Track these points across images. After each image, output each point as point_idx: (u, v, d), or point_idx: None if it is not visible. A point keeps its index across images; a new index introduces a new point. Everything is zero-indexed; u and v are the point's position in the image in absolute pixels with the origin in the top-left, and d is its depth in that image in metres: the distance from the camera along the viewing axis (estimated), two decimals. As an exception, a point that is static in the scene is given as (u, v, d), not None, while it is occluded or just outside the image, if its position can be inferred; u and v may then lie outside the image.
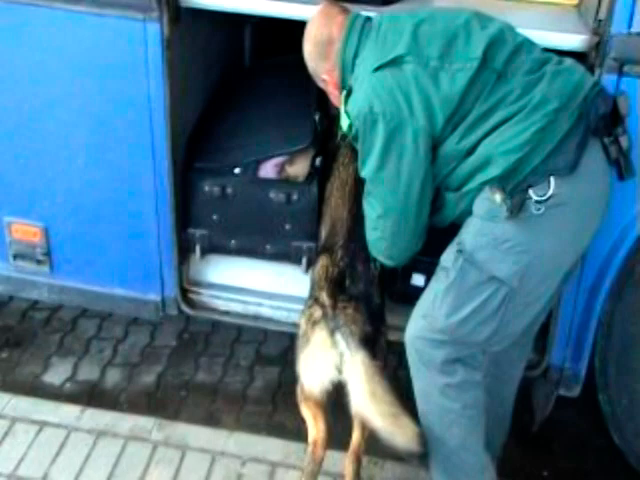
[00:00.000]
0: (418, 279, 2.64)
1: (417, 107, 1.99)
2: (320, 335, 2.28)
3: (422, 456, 2.19)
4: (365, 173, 2.12)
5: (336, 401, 2.28)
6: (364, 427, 2.34)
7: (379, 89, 2.02)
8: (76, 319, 3.47)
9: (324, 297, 2.31)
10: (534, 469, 2.84)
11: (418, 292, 2.32)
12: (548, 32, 2.23)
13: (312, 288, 2.45)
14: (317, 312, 2.31)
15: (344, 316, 2.26)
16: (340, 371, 2.22)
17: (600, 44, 2.16)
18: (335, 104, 2.33)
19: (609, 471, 2.82)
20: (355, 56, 2.13)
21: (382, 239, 2.17)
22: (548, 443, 2.93)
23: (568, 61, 2.08)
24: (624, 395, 2.60)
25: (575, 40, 2.23)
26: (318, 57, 2.23)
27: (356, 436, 2.41)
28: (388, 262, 2.28)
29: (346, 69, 2.16)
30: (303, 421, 2.95)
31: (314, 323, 2.30)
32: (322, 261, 2.46)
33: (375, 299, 2.39)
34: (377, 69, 2.03)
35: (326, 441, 2.40)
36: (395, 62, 2.03)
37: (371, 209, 2.16)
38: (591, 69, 2.17)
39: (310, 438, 2.42)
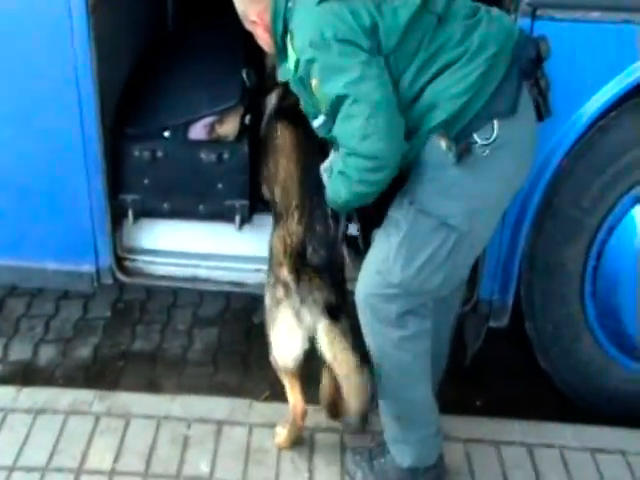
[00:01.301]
0: (352, 228, 2.72)
1: (367, 26, 1.98)
2: (285, 314, 2.34)
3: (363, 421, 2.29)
4: (337, 89, 2.00)
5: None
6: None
7: (327, 16, 2.00)
8: (4, 299, 3.41)
9: (285, 274, 2.35)
10: (468, 400, 2.99)
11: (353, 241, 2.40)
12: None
13: (271, 262, 2.46)
14: (280, 291, 2.36)
15: (308, 287, 2.31)
16: (311, 340, 2.32)
17: (514, -11, 2.28)
18: (264, 48, 2.31)
19: (537, 395, 3.00)
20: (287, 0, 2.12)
21: (379, 140, 1.99)
22: (480, 375, 3.09)
23: (495, 9, 2.16)
24: (548, 321, 2.76)
25: (490, -15, 2.34)
26: None
27: (326, 381, 2.48)
28: (382, 175, 2.05)
29: (278, 12, 2.13)
30: (245, 378, 3.06)
31: (278, 302, 2.36)
32: (277, 233, 2.46)
33: (338, 260, 2.41)
34: (322, 1, 2.01)
35: (304, 409, 2.50)
36: None
37: (355, 119, 2.00)
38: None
39: (290, 404, 2.51)
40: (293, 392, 2.48)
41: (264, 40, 2.26)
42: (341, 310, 2.36)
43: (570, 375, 2.84)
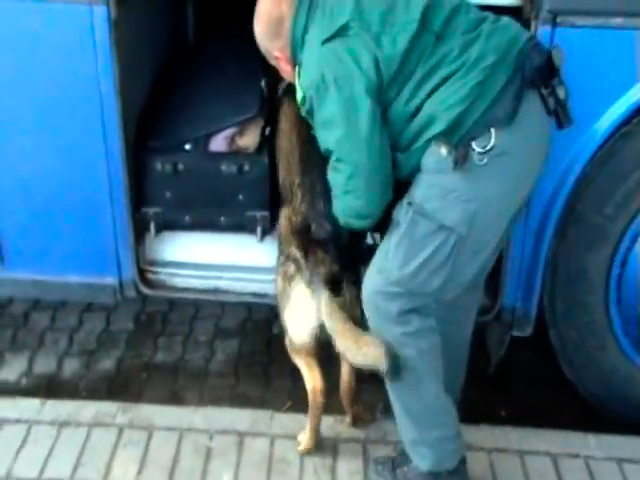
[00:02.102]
0: (370, 238, 2.72)
1: (366, 66, 2.06)
2: (298, 289, 2.36)
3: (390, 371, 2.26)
4: (328, 143, 2.17)
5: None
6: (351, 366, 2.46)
7: (329, 58, 2.09)
8: (28, 312, 3.43)
9: (294, 251, 2.38)
10: (493, 410, 2.98)
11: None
12: (483, -13, 2.31)
13: (280, 243, 2.50)
14: (291, 268, 2.39)
15: (314, 260, 2.34)
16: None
17: (534, -3, 2.28)
18: (289, 80, 2.39)
19: (562, 404, 2.97)
20: (304, 32, 2.19)
21: (357, 198, 2.18)
22: (504, 384, 3.08)
23: (504, 19, 2.17)
24: (572, 329, 2.75)
25: (510, -5, 2.35)
26: (270, 36, 2.28)
27: (345, 377, 2.52)
28: (365, 222, 2.26)
29: (296, 45, 2.22)
30: (266, 389, 3.06)
31: (290, 279, 2.38)
32: (284, 212, 2.50)
33: (343, 238, 2.41)
34: (325, 41, 2.10)
35: (324, 387, 2.49)
36: (341, 31, 2.09)
37: (339, 175, 2.19)
38: (526, 23, 2.29)
39: (309, 387, 2.49)
40: (311, 372, 2.47)
41: (287, 73, 2.36)
42: (343, 285, 2.38)
43: (595, 384, 2.82)
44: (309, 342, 2.41)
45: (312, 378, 2.48)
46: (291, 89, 2.45)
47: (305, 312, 2.36)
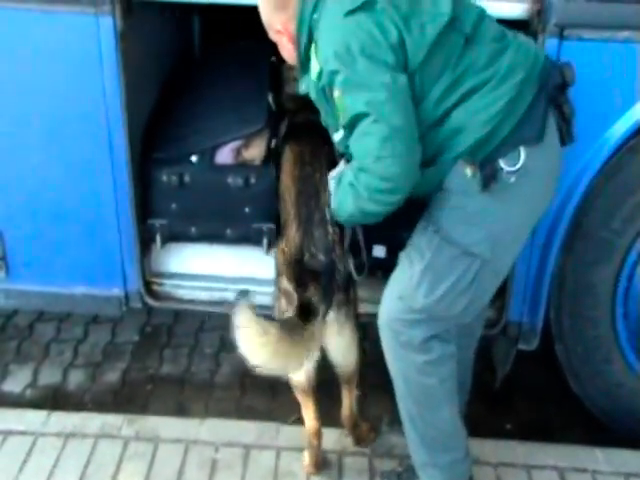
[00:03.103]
0: (379, 251, 2.72)
1: (394, 41, 1.98)
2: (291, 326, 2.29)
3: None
4: (358, 106, 1.99)
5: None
6: (351, 392, 2.46)
7: (354, 29, 1.98)
8: (33, 324, 3.44)
9: (285, 283, 2.36)
10: (498, 424, 2.96)
11: (379, 264, 2.39)
12: (491, 1, 2.29)
13: (275, 276, 2.49)
14: (282, 303, 2.36)
15: (309, 290, 2.29)
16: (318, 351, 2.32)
17: (541, 11, 2.28)
18: (286, 58, 2.31)
19: (569, 419, 2.97)
20: (314, 10, 2.10)
21: (392, 165, 1.97)
22: (510, 398, 3.07)
23: (522, 35, 2.16)
24: (578, 343, 2.73)
25: (518, 8, 2.35)
26: (275, 8, 2.18)
27: (345, 402, 2.50)
28: (394, 198, 2.04)
29: (303, 22, 2.13)
30: (272, 402, 3.04)
31: (282, 314, 2.35)
32: (280, 244, 2.49)
33: (339, 267, 2.38)
34: (349, 13, 2.00)
35: (318, 429, 2.49)
36: (366, 5, 2.00)
37: (371, 138, 1.98)
38: (534, 35, 2.29)
39: (305, 425, 2.51)
40: (307, 411, 2.48)
41: (287, 51, 2.26)
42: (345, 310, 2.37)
43: (601, 398, 2.80)
44: (306, 381, 2.40)
45: (307, 418, 2.49)
46: (290, 133, 2.47)
47: (299, 354, 2.27)
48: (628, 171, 2.51)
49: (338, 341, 2.35)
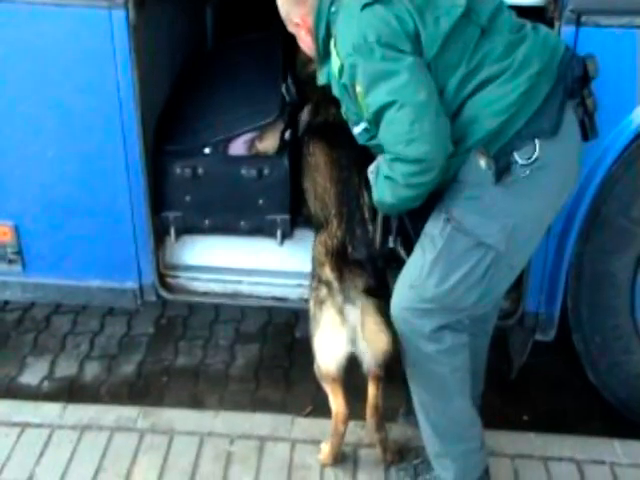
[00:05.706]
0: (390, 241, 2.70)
1: (411, 31, 1.98)
2: (328, 315, 2.34)
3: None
4: (380, 98, 2.00)
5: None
6: (378, 380, 2.43)
7: (371, 20, 2.00)
8: (49, 316, 3.45)
9: (327, 273, 2.36)
10: (515, 414, 2.95)
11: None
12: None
13: (314, 268, 2.48)
14: (322, 291, 2.36)
15: (351, 275, 2.33)
16: (354, 343, 2.32)
17: (558, -3, 2.25)
18: (306, 51, 2.33)
19: (586, 409, 2.95)
20: (331, 4, 2.12)
21: (424, 143, 1.96)
22: (526, 388, 3.05)
23: (542, 27, 2.13)
24: (596, 332, 2.71)
25: (534, -5, 2.32)
26: (293, 1, 2.21)
27: (371, 390, 2.47)
28: (430, 176, 2.02)
29: (321, 16, 2.14)
30: (287, 394, 3.05)
31: (321, 303, 2.36)
32: (319, 239, 2.49)
33: (378, 262, 2.42)
34: (365, 6, 2.01)
35: (347, 415, 2.47)
36: None
37: (399, 125, 1.99)
38: (550, 22, 2.26)
39: (333, 411, 2.48)
40: (336, 398, 2.46)
41: (306, 43, 2.28)
42: (381, 293, 2.37)
43: (620, 388, 2.78)
44: (336, 370, 2.38)
45: (336, 404, 2.47)
46: (313, 129, 2.44)
47: (334, 338, 2.32)
48: (647, 158, 2.48)
49: (373, 328, 2.34)
